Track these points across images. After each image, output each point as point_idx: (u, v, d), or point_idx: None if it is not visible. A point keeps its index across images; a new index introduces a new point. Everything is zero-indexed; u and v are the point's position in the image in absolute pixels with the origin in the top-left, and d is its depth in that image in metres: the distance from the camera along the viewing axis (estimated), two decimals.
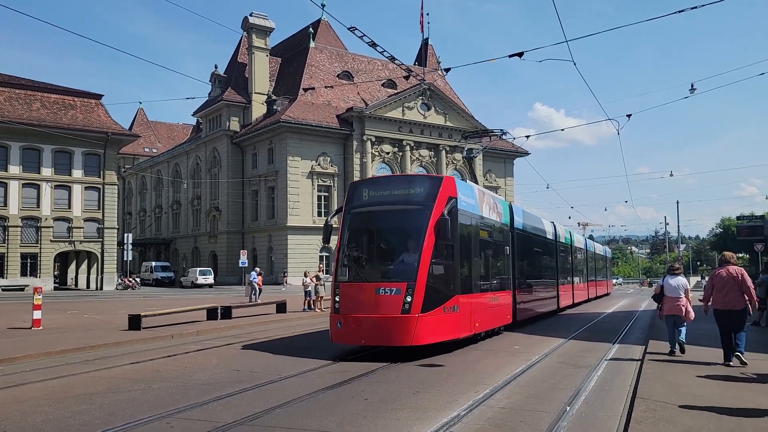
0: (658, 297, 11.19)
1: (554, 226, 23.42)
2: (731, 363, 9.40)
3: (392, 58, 14.37)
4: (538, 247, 20.05)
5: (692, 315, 10.78)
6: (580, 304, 27.76)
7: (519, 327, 16.15)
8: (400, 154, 56.23)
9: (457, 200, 11.55)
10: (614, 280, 75.83)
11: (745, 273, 9.61)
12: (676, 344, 10.72)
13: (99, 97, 49.48)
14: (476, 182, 15.61)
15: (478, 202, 13.27)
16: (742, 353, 9.29)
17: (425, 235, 10.75)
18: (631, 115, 19.73)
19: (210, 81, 62.31)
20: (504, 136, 18.12)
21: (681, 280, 10.91)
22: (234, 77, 60.43)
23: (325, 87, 50.99)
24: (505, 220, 15.79)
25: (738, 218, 44.65)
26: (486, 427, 6.40)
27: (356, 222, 11.81)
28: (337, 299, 11.17)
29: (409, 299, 10.39)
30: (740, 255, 73.13)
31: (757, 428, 5.84)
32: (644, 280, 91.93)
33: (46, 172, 45.15)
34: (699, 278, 54.75)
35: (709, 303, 9.90)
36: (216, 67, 63.09)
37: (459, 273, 11.56)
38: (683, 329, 10.78)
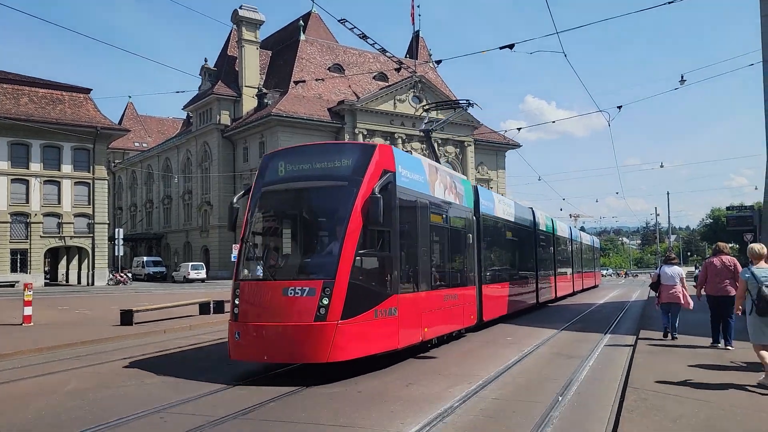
0: (655, 285, 11.85)
1: (533, 212, 21.41)
2: (719, 345, 10.12)
3: (383, 51, 14.33)
4: (512, 236, 17.86)
5: (691, 302, 11.28)
6: (564, 298, 26.14)
7: (486, 327, 14.32)
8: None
9: (396, 175, 9.35)
10: (603, 271, 76.45)
11: (738, 263, 9.97)
12: (669, 331, 11.33)
13: (87, 91, 49.06)
14: (437, 161, 13.85)
15: (428, 180, 10.93)
16: (730, 336, 9.97)
17: (349, 218, 8.52)
18: (621, 106, 19.86)
19: (200, 74, 61.87)
20: (469, 108, 16.12)
21: (677, 269, 11.57)
22: (224, 70, 60.05)
23: (316, 80, 50.77)
24: (468, 203, 13.49)
25: (728, 209, 44.98)
26: (479, 418, 6.44)
27: (264, 203, 9.51)
28: (236, 303, 8.77)
29: (325, 302, 8.10)
30: (730, 245, 73.89)
31: (746, 415, 5.91)
32: (621, 270, 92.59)
33: (35, 167, 44.76)
34: (693, 268, 55.18)
35: (702, 290, 10.34)
36: (206, 60, 62.68)
37: (399, 267, 9.33)
38: (677, 319, 11.36)
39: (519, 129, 26.13)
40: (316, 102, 55.30)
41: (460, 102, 16.40)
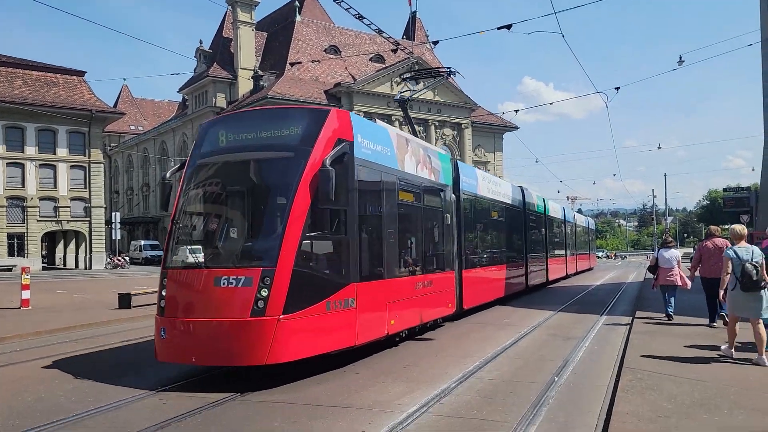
0: (653, 268, 12.16)
1: (523, 191, 19.99)
2: (715, 324, 10.33)
3: (379, 31, 14.19)
4: (498, 216, 16.66)
5: (689, 283, 11.54)
6: (556, 281, 25.25)
7: (469, 315, 13.27)
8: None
9: (354, 145, 8.16)
10: (599, 253, 76.71)
11: (729, 244, 9.89)
12: (670, 311, 11.54)
13: (82, 73, 48.60)
14: (415, 134, 13.17)
15: (397, 152, 9.68)
16: (726, 315, 9.74)
17: (294, 195, 7.29)
18: (619, 87, 19.80)
19: (195, 57, 61.31)
20: (453, 76, 15.07)
21: (674, 252, 11.95)
22: (219, 52, 59.50)
23: (312, 62, 50.34)
24: (446, 180, 12.19)
25: (724, 190, 45.03)
26: (476, 398, 6.49)
27: (198, 178, 8.17)
28: (163, 294, 7.62)
29: (264, 293, 6.90)
30: (726, 226, 74.16)
31: (739, 394, 5.97)
32: (611, 252, 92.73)
33: (30, 150, 44.50)
34: (691, 249, 55.42)
35: (697, 272, 10.64)
36: (201, 42, 62.05)
37: (358, 251, 8.11)
38: (672, 300, 11.60)
39: (516, 111, 26.32)
40: (312, 84, 54.92)
41: (441, 70, 15.25)
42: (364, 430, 5.43)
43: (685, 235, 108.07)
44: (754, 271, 7.33)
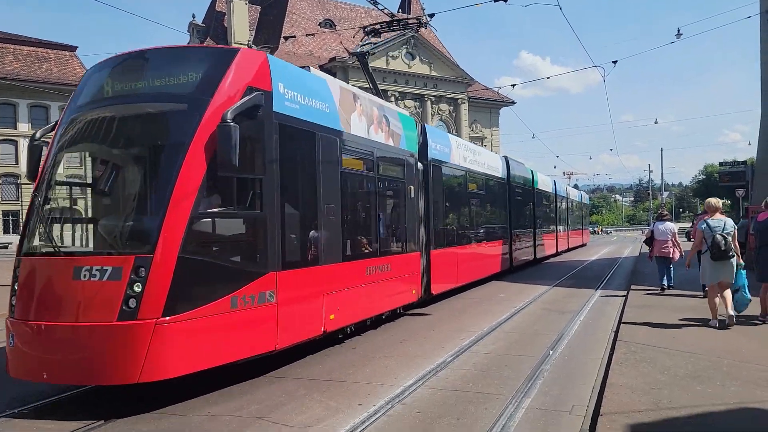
0: (649, 240, 12.61)
1: (507, 162, 18.35)
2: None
3: (375, 3, 13.91)
4: (477, 189, 15.04)
5: (677, 256, 11.99)
6: (546, 258, 24.21)
7: (437, 301, 11.64)
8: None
9: (273, 97, 6.42)
10: (607, 230, 76.92)
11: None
12: (664, 283, 11.93)
13: (73, 48, 48.04)
14: (378, 94, 11.51)
15: (339, 109, 7.86)
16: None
17: (183, 159, 5.58)
18: (617, 61, 19.77)
19: (188, 31, 60.35)
20: (424, 28, 13.39)
21: (669, 225, 12.39)
22: (213, 27, 58.64)
23: (307, 35, 49.73)
24: (409, 146, 10.43)
25: (720, 164, 45.00)
26: (471, 372, 6.55)
27: (68, 139, 6.32)
28: (15, 290, 5.96)
29: (137, 289, 5.29)
30: (723, 201, 74.24)
31: (732, 366, 6.03)
32: (598, 227, 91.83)
33: (23, 127, 44.11)
34: (688, 225, 55.63)
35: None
36: (194, 16, 61.07)
37: (279, 233, 6.44)
38: (671, 271, 12.02)
39: (513, 86, 25.82)
40: (307, 59, 54.25)
41: (410, 20, 14.00)
42: (361, 404, 5.47)
43: (681, 209, 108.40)
44: (723, 242, 7.84)
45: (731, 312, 7.95)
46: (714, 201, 8.61)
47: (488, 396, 5.65)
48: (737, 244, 8.16)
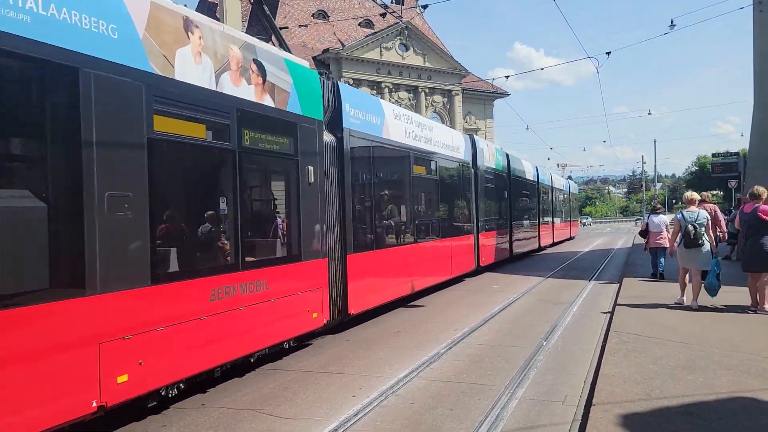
0: (644, 233, 13.41)
1: (472, 141, 15.44)
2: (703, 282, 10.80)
3: None
4: (426, 173, 11.87)
5: (668, 245, 12.17)
6: (527, 255, 21.54)
7: (354, 325, 8.76)
8: (378, 96, 55.45)
9: None
10: (584, 220, 76.04)
11: (717, 209, 12.21)
12: (657, 272, 12.75)
13: None
14: (282, 46, 8.84)
15: (143, 34, 5.00)
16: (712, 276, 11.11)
17: None
18: (610, 52, 19.54)
19: None
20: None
21: (662, 217, 13.24)
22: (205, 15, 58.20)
23: (300, 26, 49.43)
24: (306, 110, 7.30)
25: (713, 155, 45.15)
26: (465, 363, 6.57)
27: None
28: None
29: None
30: (714, 192, 74.53)
31: (723, 355, 6.07)
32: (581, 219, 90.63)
33: None
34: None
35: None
36: (186, 6, 60.60)
37: None
38: (662, 261, 12.73)
39: (507, 77, 25.74)
40: (300, 51, 53.95)
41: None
42: (355, 395, 5.48)
43: (674, 201, 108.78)
44: (693, 231, 8.74)
45: (694, 300, 8.82)
46: (689, 194, 9.51)
47: (481, 387, 5.67)
48: (711, 234, 8.97)
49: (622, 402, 4.69)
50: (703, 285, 8.75)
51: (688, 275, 9.10)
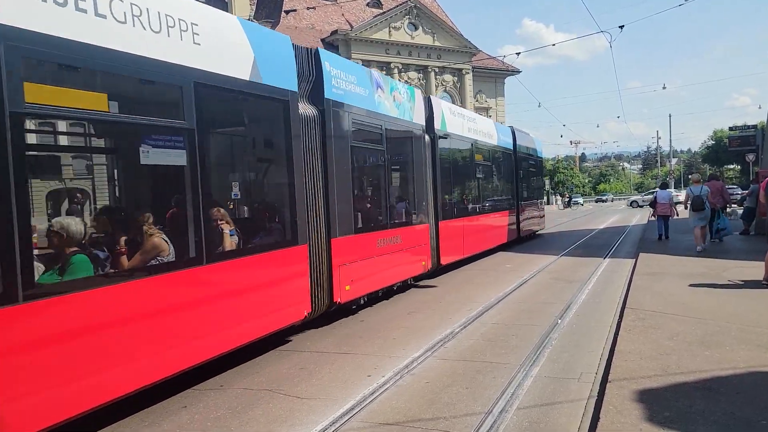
0: (653, 203, 17.02)
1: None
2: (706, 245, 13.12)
3: None
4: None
5: (674, 214, 16.33)
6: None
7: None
8: (388, 77, 55.02)
9: None
10: (605, 197, 74.43)
11: (724, 186, 16.38)
12: (663, 235, 15.78)
13: None
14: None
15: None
16: (721, 230, 14.39)
17: None
18: (623, 26, 19.16)
19: None
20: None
21: (668, 191, 16.97)
22: (212, 2, 57.74)
23: (308, 8, 49.06)
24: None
25: (730, 128, 44.29)
26: (479, 342, 6.57)
27: None
28: None
29: None
30: (731, 167, 73.24)
31: (741, 330, 6.01)
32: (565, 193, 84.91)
33: None
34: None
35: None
36: None
37: None
38: (665, 226, 15.81)
39: (518, 54, 25.63)
40: (309, 33, 53.60)
41: None
42: (370, 375, 5.52)
43: (690, 176, 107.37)
44: (698, 200, 12.82)
45: (702, 244, 12.75)
46: (693, 176, 14.66)
47: (496, 365, 5.68)
48: (712, 200, 13.32)
49: (639, 378, 4.67)
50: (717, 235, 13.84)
51: (697, 230, 12.80)
